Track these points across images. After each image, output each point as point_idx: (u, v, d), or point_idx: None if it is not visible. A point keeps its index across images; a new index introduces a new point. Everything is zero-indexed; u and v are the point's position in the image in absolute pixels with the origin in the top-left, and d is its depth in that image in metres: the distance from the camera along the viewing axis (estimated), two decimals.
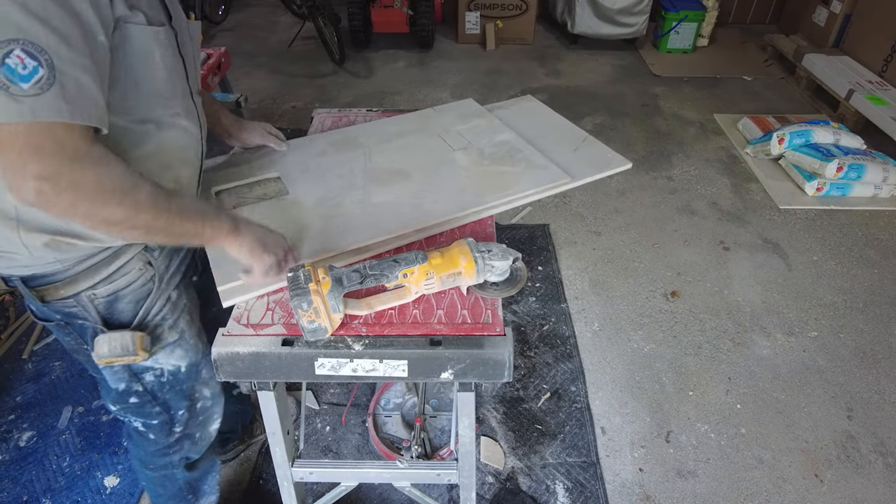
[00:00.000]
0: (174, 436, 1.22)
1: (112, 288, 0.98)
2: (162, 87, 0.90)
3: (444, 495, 1.62)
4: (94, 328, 1.00)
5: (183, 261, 1.10)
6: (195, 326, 1.15)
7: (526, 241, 2.58)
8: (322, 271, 0.93)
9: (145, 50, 0.85)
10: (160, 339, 1.07)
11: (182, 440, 1.24)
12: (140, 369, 1.09)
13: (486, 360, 0.95)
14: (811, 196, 2.82)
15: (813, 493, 1.65)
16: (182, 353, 1.12)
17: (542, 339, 2.11)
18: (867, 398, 1.90)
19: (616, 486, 1.66)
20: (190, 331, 1.13)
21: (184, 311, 1.10)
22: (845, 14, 3.81)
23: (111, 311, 1.00)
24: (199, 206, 0.93)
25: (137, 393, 1.11)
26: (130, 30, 0.82)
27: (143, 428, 1.18)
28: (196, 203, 0.96)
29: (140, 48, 0.84)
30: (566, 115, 1.61)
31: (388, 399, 1.83)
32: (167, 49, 0.89)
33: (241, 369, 0.97)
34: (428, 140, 1.46)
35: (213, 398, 1.25)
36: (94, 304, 0.98)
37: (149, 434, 1.20)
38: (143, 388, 1.11)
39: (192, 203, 0.94)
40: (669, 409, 1.87)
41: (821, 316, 2.20)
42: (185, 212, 0.87)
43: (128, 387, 1.10)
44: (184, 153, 1.00)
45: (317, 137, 1.49)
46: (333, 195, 1.25)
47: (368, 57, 4.46)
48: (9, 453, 1.74)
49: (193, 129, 1.01)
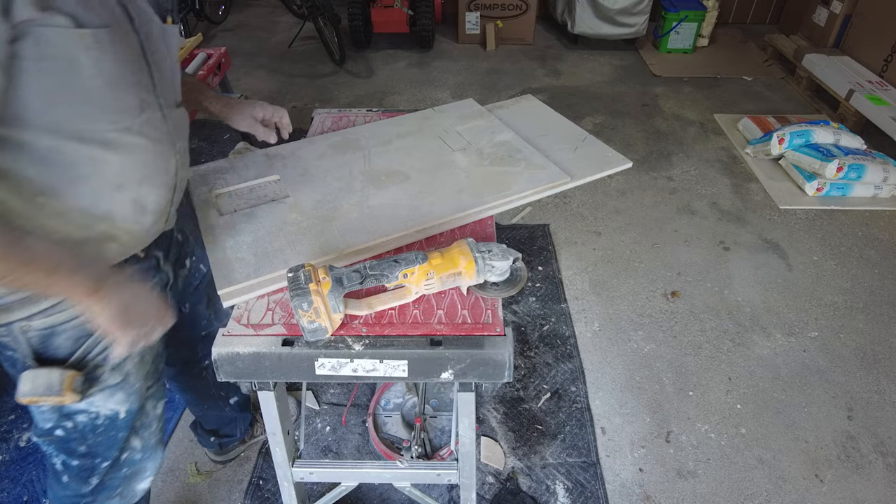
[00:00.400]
0: (89, 486, 1.08)
1: (50, 322, 0.89)
2: (99, 99, 0.79)
3: (445, 495, 1.62)
4: (24, 362, 0.91)
5: None
6: (145, 368, 1.05)
7: (526, 241, 2.58)
8: (322, 271, 0.92)
9: (66, 56, 0.74)
10: (98, 380, 0.97)
11: (98, 492, 1.09)
12: (72, 411, 0.98)
13: (487, 361, 0.95)
14: (811, 196, 2.82)
15: (813, 493, 1.65)
16: (123, 397, 1.01)
17: (542, 339, 2.11)
18: (867, 398, 1.90)
19: (616, 487, 1.66)
20: (137, 373, 1.02)
21: (133, 352, 0.95)
22: (845, 14, 3.81)
23: (45, 345, 0.91)
24: (54, 257, 0.78)
25: (65, 428, 1.00)
26: (44, 34, 0.71)
27: (61, 467, 1.05)
28: (54, 253, 0.79)
29: (58, 54, 0.73)
30: (566, 115, 1.61)
31: (389, 399, 1.83)
32: (106, 54, 0.77)
33: (241, 369, 0.97)
34: (428, 141, 1.46)
35: (144, 451, 1.11)
36: (27, 336, 0.89)
37: (63, 476, 1.06)
38: (73, 426, 1.00)
39: (47, 252, 0.78)
40: (669, 409, 1.87)
41: (821, 316, 2.20)
42: (32, 262, 0.75)
43: (55, 426, 1.00)
44: (141, 172, 0.89)
45: (316, 139, 1.49)
46: (333, 197, 1.25)
47: (369, 57, 4.46)
48: (9, 453, 1.74)
49: (156, 146, 0.90)
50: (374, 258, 1.10)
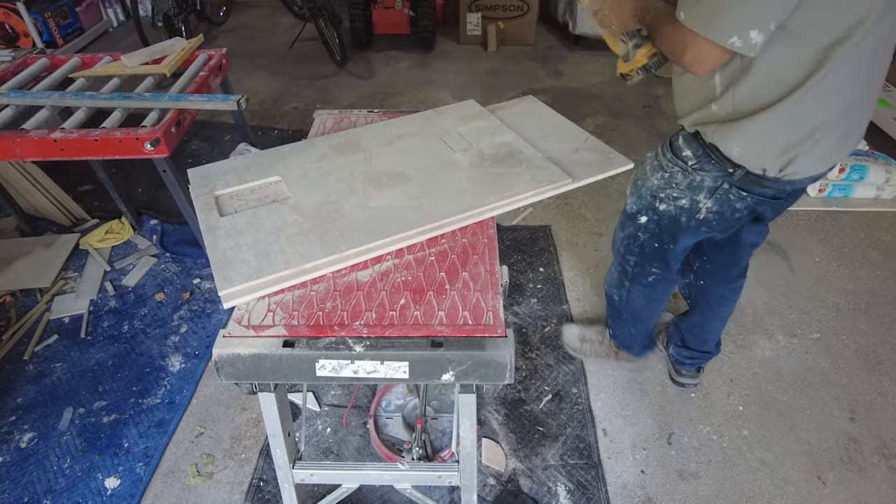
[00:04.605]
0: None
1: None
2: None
3: (446, 497, 1.62)
4: None
5: None
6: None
7: (527, 242, 2.58)
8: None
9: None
10: None
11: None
12: None
13: (488, 362, 0.95)
14: (813, 197, 2.81)
15: (815, 496, 1.64)
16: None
17: (543, 340, 2.10)
18: (870, 400, 1.89)
19: (618, 489, 1.66)
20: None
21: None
22: None
23: None
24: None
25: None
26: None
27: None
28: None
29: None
30: (567, 116, 1.60)
31: (390, 401, 1.83)
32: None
33: (241, 371, 0.97)
34: (429, 142, 1.46)
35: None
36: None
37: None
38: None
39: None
40: (671, 410, 1.87)
41: (823, 317, 2.19)
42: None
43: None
44: None
45: (317, 140, 1.49)
46: (334, 198, 1.25)
47: (370, 58, 4.46)
48: (10, 455, 1.74)
49: None
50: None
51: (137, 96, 1.98)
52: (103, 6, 4.97)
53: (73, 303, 2.25)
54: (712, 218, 1.31)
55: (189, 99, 1.94)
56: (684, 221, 1.35)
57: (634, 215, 1.47)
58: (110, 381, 1.96)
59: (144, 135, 1.79)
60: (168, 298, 2.28)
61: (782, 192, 1.24)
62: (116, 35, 4.99)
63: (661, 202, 1.37)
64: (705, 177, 1.26)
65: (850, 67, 1.03)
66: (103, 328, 2.15)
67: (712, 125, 1.20)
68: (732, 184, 1.24)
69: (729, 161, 1.20)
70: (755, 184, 1.22)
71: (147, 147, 1.79)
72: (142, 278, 2.38)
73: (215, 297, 2.28)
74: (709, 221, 1.32)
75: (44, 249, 2.49)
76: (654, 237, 1.46)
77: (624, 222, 1.55)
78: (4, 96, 1.98)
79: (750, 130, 1.13)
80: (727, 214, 1.29)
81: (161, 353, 2.05)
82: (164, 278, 2.37)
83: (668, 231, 1.41)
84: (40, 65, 2.28)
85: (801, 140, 1.12)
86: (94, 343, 2.09)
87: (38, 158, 1.85)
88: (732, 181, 1.23)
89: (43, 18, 4.21)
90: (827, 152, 1.16)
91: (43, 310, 2.22)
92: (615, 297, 1.73)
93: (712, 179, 1.26)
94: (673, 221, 1.38)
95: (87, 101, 1.96)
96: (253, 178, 1.32)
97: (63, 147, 1.81)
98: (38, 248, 2.49)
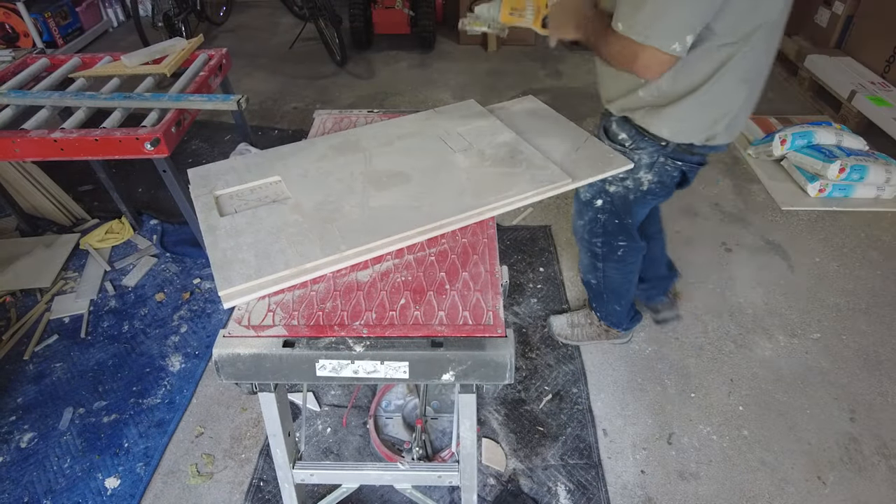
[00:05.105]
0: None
1: None
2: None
3: (446, 497, 1.62)
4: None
5: None
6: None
7: (527, 242, 2.58)
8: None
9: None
10: None
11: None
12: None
13: (488, 362, 0.95)
14: (813, 197, 2.81)
15: (815, 496, 1.64)
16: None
17: (543, 340, 2.10)
18: (870, 400, 1.89)
19: (618, 489, 1.66)
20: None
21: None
22: (848, 15, 3.80)
23: None
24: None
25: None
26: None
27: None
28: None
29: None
30: (568, 116, 1.60)
31: (390, 401, 1.83)
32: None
33: (242, 371, 0.97)
34: (429, 142, 1.46)
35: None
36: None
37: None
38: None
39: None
40: (671, 410, 1.87)
41: (823, 317, 2.19)
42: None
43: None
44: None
45: (317, 140, 1.49)
46: (334, 199, 1.25)
47: (370, 58, 4.46)
48: (10, 454, 1.74)
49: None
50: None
51: (137, 96, 1.98)
52: (103, 6, 4.97)
53: (73, 303, 2.25)
54: (655, 188, 1.48)
55: (189, 99, 1.94)
56: (633, 198, 1.51)
57: (590, 201, 1.60)
58: (110, 381, 1.96)
59: (144, 135, 1.79)
60: (168, 298, 2.28)
61: (705, 158, 1.45)
62: (116, 35, 4.99)
63: (610, 185, 1.52)
64: (642, 154, 1.42)
65: (755, 52, 1.21)
66: (103, 328, 2.15)
67: (640, 110, 1.36)
68: (667, 155, 1.41)
69: (660, 137, 1.37)
70: (686, 152, 1.40)
71: (147, 147, 1.79)
72: (142, 278, 2.38)
73: (215, 297, 2.28)
74: (653, 191, 1.49)
75: (44, 249, 2.49)
76: (613, 215, 1.60)
77: (581, 210, 1.68)
78: (4, 96, 1.98)
79: (676, 113, 1.30)
80: (667, 182, 1.47)
81: (161, 353, 2.05)
82: (164, 278, 2.38)
83: (623, 207, 1.56)
84: (40, 65, 2.28)
85: (720, 116, 1.30)
86: (94, 343, 2.09)
87: (38, 158, 1.85)
88: (666, 153, 1.40)
89: (43, 18, 4.21)
90: (741, 119, 1.35)
91: (43, 310, 2.22)
92: (592, 281, 1.87)
93: (648, 155, 1.42)
94: (623, 199, 1.53)
95: (87, 101, 1.96)
96: (253, 178, 1.32)
97: (63, 147, 1.81)
98: (38, 248, 2.49)
